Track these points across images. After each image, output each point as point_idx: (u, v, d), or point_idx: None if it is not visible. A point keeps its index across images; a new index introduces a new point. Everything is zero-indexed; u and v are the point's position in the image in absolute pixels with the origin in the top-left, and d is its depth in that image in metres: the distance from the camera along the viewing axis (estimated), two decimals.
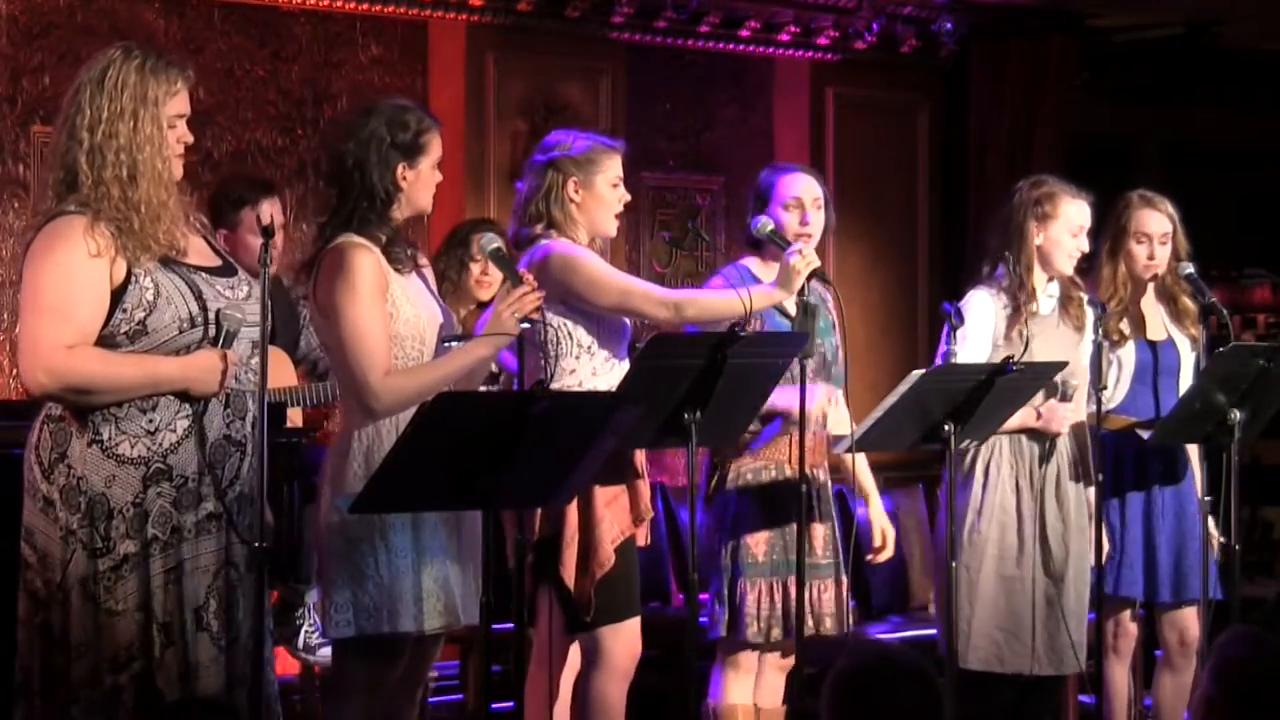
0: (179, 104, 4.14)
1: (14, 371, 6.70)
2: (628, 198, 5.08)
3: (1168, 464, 5.90)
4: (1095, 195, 5.83)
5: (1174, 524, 5.87)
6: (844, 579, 5.40)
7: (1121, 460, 5.88)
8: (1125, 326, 5.92)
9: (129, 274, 4.04)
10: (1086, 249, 5.74)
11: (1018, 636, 5.62)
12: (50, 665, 4.05)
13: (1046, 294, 5.74)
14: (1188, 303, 5.93)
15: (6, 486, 4.39)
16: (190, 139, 4.18)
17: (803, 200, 5.39)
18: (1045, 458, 5.68)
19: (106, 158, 4.04)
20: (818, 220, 5.40)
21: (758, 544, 5.27)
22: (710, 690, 5.39)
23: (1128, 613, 5.96)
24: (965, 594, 5.56)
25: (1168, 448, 5.85)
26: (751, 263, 5.37)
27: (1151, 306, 5.99)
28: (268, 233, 4.13)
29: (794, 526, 5.20)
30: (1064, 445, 5.72)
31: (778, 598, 5.27)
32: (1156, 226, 5.91)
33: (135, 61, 4.08)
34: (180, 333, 4.07)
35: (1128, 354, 5.93)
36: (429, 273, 4.71)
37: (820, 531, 5.33)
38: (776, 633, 5.27)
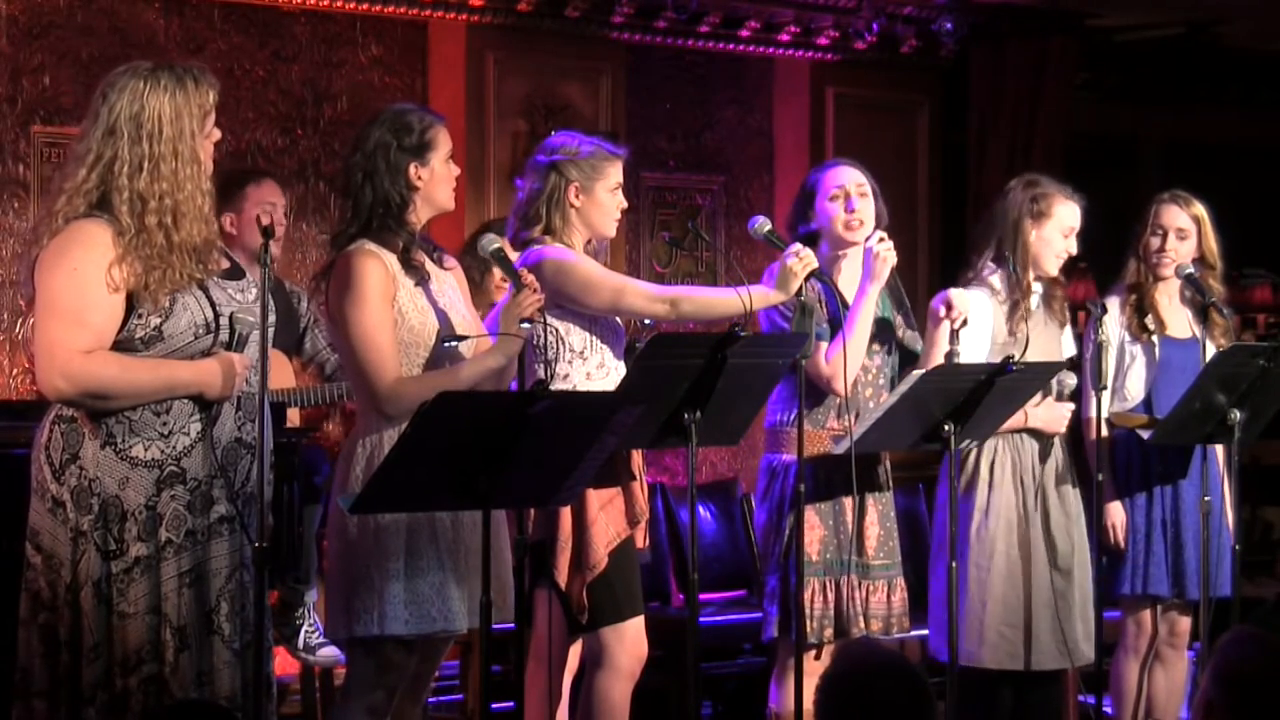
0: (211, 116, 4.14)
1: (14, 371, 6.70)
2: (625, 204, 5.06)
3: (1186, 463, 5.89)
4: (1095, 195, 5.83)
5: (1199, 522, 5.85)
6: (899, 583, 5.39)
7: (1148, 459, 5.89)
8: (1138, 321, 5.92)
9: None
10: (1074, 251, 5.75)
11: (1029, 632, 5.63)
12: (56, 667, 4.03)
13: (1033, 291, 5.75)
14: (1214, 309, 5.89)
15: (5, 486, 4.39)
16: (218, 135, 4.17)
17: (846, 188, 5.39)
18: (1044, 456, 5.69)
19: (149, 204, 4.01)
20: (865, 208, 5.39)
21: (811, 543, 5.26)
22: (771, 696, 5.38)
23: (1149, 612, 5.97)
24: (975, 592, 5.56)
25: (1186, 446, 5.85)
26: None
27: (1175, 307, 6.00)
28: (267, 233, 4.14)
29: (848, 525, 5.23)
30: (1059, 444, 5.73)
31: (830, 597, 5.27)
32: (1173, 220, 5.94)
33: (166, 94, 4.05)
34: (195, 338, 4.07)
35: (1146, 351, 5.93)
36: (458, 273, 4.70)
37: (874, 532, 5.33)
38: (829, 633, 5.26)
